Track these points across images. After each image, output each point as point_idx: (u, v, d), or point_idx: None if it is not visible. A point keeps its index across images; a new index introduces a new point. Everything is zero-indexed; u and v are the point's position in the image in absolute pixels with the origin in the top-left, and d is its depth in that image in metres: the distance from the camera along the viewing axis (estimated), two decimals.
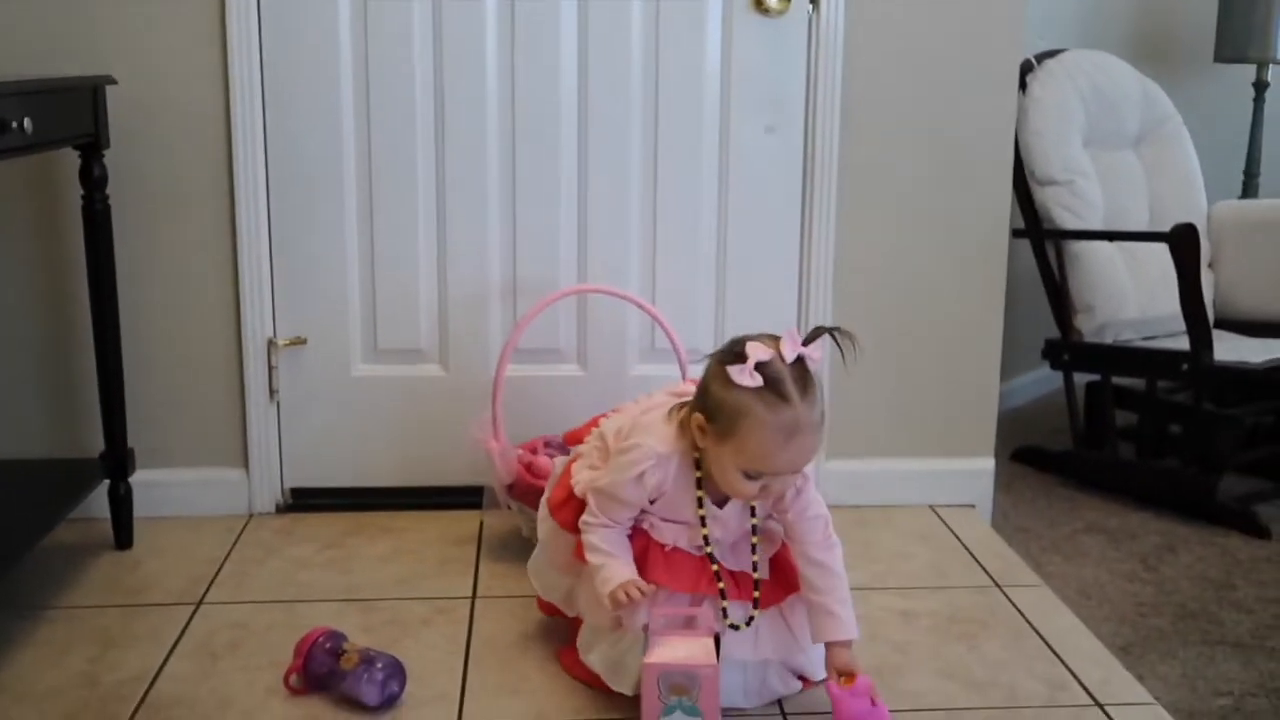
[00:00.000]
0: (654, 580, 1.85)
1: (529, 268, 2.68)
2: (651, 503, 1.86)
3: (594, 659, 1.95)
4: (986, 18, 2.64)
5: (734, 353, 1.72)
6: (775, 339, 1.73)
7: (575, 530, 1.92)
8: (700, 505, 1.84)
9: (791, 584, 1.93)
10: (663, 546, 1.88)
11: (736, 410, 1.70)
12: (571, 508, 1.95)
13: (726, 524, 1.88)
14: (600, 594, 1.83)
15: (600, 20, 2.59)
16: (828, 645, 1.88)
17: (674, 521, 1.88)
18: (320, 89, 2.57)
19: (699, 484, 1.83)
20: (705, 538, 1.85)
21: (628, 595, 1.79)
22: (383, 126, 2.60)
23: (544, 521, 2.05)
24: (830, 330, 1.76)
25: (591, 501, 1.88)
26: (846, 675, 1.84)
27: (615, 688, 1.92)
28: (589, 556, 1.87)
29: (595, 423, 2.09)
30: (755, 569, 1.89)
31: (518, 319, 2.62)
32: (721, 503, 1.86)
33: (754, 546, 1.90)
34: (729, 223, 2.70)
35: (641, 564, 1.87)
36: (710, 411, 1.74)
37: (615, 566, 1.83)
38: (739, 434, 1.71)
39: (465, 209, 2.65)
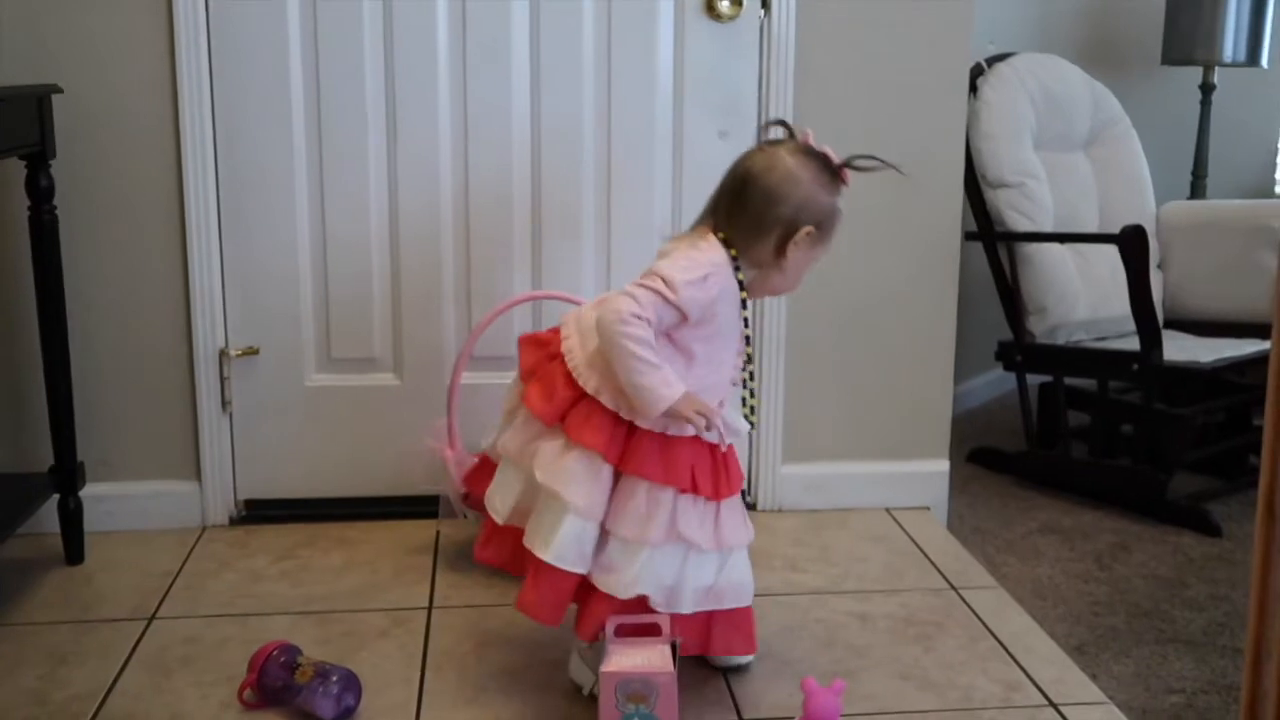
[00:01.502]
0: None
1: (483, 275, 2.67)
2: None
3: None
4: (936, 22, 2.65)
5: (824, 159, 1.89)
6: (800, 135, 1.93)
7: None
8: (745, 306, 1.91)
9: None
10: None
11: (834, 210, 1.91)
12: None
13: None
14: (654, 396, 1.78)
15: (552, 25, 2.59)
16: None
17: (716, 350, 1.90)
18: (270, 97, 2.55)
19: (742, 303, 1.90)
20: (747, 338, 1.93)
21: (707, 411, 1.81)
22: (334, 134, 2.59)
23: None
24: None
25: (638, 294, 1.80)
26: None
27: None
28: (637, 350, 1.77)
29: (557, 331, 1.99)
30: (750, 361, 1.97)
31: (472, 327, 2.61)
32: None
33: (748, 337, 1.95)
34: (683, 227, 2.68)
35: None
36: (820, 220, 1.88)
37: (671, 374, 1.80)
38: (832, 230, 1.92)
39: (418, 217, 2.64)
